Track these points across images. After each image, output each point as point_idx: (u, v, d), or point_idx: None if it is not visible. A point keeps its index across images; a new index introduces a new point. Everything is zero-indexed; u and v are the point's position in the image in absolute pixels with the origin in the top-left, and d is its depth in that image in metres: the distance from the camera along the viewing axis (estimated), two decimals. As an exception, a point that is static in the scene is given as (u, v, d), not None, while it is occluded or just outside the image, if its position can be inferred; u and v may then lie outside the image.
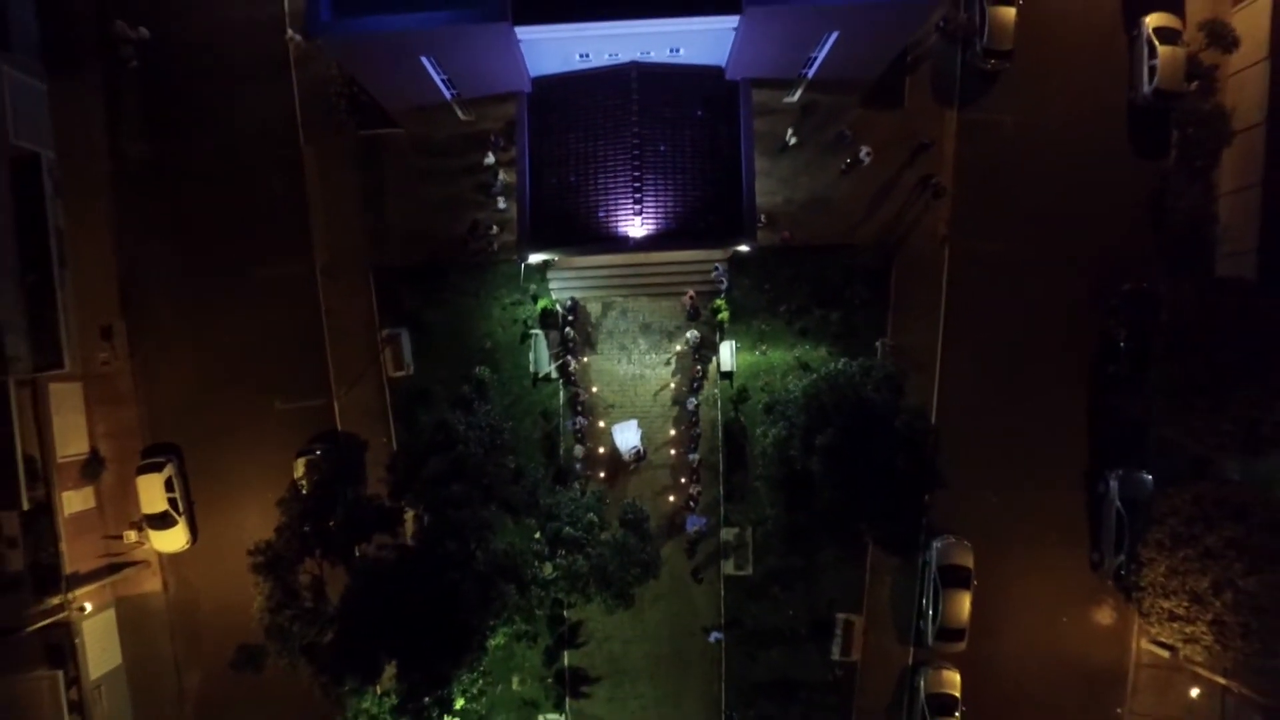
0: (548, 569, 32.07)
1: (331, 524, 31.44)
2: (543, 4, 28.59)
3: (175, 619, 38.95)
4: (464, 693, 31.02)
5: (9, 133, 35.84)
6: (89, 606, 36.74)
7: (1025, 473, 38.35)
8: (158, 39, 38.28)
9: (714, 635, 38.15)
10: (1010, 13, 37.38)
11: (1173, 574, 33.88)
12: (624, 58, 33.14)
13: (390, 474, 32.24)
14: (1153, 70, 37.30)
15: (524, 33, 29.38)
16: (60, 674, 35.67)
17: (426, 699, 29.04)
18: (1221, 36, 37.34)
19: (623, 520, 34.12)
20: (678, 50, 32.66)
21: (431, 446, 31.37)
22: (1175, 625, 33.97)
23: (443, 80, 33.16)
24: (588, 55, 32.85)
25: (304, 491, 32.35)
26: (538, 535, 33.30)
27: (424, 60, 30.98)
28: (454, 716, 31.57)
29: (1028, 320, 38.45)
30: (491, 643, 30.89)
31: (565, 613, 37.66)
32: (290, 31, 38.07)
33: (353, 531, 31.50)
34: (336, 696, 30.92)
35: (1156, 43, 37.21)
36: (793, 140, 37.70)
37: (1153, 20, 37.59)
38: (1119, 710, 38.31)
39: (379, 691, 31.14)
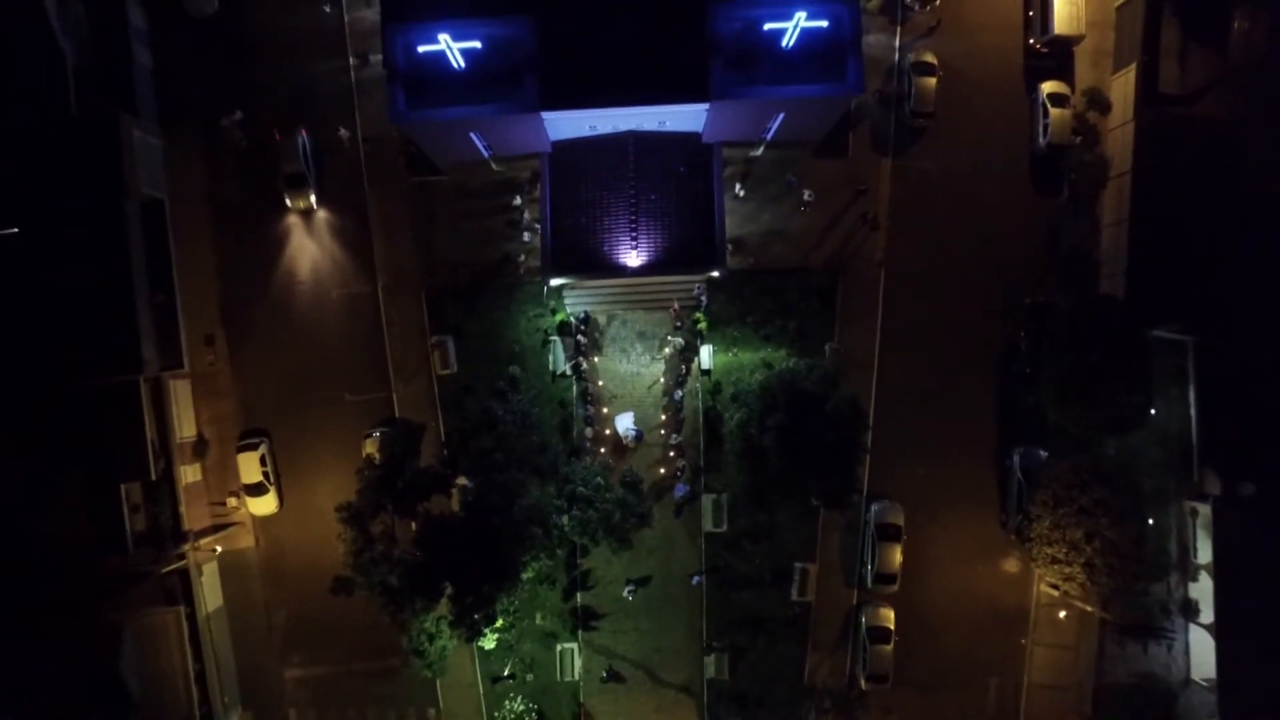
0: (565, 520, 40.10)
1: (400, 486, 39.57)
2: (563, 95, 36.85)
3: (265, 569, 46.33)
4: (503, 613, 39.67)
5: (139, 181, 44.03)
6: (219, 549, 45.24)
7: (947, 449, 45.52)
8: (251, 106, 45.99)
9: (696, 579, 45.39)
10: (932, 82, 44.76)
11: (1055, 527, 40.62)
12: (623, 128, 41.38)
13: (445, 448, 41.01)
14: (1046, 127, 44.50)
15: (548, 115, 37.67)
16: (181, 610, 43.77)
17: (475, 616, 37.62)
18: (1099, 101, 45.23)
19: (623, 482, 42.18)
20: (664, 122, 41.02)
21: (477, 426, 40.22)
22: (1057, 567, 41.02)
23: (483, 145, 41.85)
24: (595, 126, 41.09)
25: (376, 463, 40.76)
26: (557, 497, 41.07)
27: (472, 134, 39.80)
28: (495, 633, 40.33)
29: (949, 327, 45.49)
30: (524, 575, 39.30)
31: (579, 560, 45.58)
32: (341, 130, 45.83)
33: (416, 493, 39.74)
34: (402, 622, 39.37)
35: (1049, 105, 44.32)
36: (741, 192, 45.12)
37: (1047, 87, 44.80)
38: (1023, 640, 45.51)
39: (436, 616, 39.61)
